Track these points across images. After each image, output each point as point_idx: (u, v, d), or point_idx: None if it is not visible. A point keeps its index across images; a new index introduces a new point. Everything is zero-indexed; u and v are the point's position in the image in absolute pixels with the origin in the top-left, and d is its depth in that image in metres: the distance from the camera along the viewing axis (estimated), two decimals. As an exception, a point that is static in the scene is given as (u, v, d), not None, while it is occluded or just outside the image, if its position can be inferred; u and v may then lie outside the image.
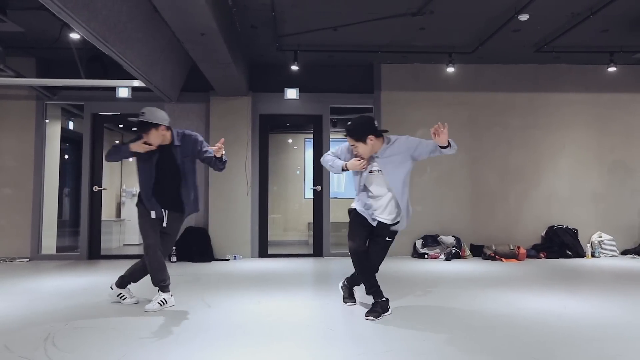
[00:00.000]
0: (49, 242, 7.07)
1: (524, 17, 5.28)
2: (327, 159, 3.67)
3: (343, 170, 3.55)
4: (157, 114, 3.59)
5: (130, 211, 9.41)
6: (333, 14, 5.38)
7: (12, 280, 4.98)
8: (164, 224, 3.71)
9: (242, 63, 6.20)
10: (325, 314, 3.48)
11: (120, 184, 9.71)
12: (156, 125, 3.55)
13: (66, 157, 8.72)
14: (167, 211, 3.72)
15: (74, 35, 5.32)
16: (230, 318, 3.32)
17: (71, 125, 8.42)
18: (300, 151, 10.35)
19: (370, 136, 3.38)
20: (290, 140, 10.18)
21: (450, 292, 4.26)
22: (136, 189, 9.38)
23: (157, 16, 5.28)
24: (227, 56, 5.12)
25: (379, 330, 3.01)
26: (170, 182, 3.70)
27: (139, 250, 8.58)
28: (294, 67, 6.45)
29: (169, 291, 3.67)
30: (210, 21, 4.20)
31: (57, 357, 2.49)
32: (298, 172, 9.99)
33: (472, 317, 3.35)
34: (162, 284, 3.64)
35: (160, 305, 3.57)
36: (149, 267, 3.65)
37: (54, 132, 7.27)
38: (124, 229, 9.30)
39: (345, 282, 3.85)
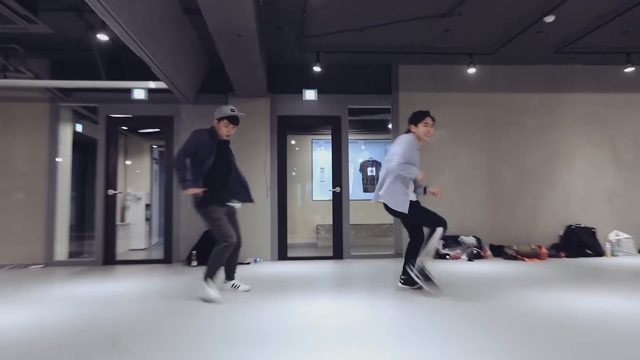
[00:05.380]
0: (61, 247, 6.99)
1: (550, 19, 5.40)
2: (409, 167, 4.14)
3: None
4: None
5: (135, 215, 9.35)
6: (361, 15, 5.44)
7: (41, 287, 4.93)
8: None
9: (264, 64, 6.23)
10: (384, 316, 3.52)
11: (125, 187, 9.63)
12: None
13: (81, 160, 8.61)
14: (231, 202, 4.37)
15: (102, 37, 5.28)
16: (291, 321, 3.35)
17: (79, 128, 8.32)
18: (306, 152, 10.39)
19: None
20: (292, 142, 10.22)
21: (494, 292, 4.35)
22: (141, 193, 9.38)
23: (185, 17, 5.30)
24: (258, 57, 5.15)
25: (447, 330, 3.07)
26: (223, 173, 4.25)
27: (144, 255, 8.53)
28: (317, 69, 6.50)
29: None
30: (251, 22, 4.23)
31: (138, 363, 2.50)
32: (294, 174, 10.04)
33: (532, 316, 3.44)
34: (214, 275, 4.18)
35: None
36: (220, 260, 4.07)
37: (65, 136, 7.19)
38: (129, 234, 9.22)
39: (420, 267, 4.23)
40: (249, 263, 6.67)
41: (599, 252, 6.86)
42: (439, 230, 4.12)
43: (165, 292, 4.50)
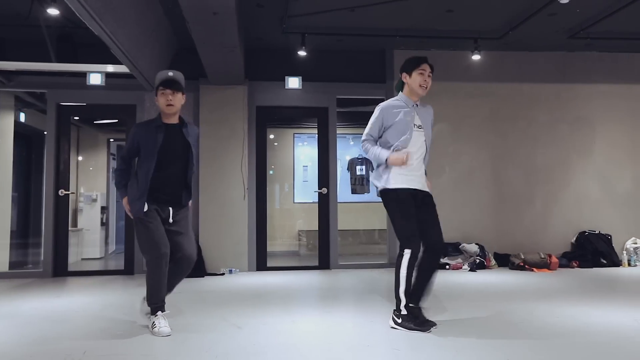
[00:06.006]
0: (1, 256, 6.88)
1: (565, 0, 5.51)
2: (368, 147, 3.74)
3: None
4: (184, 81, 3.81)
5: (89, 219, 9.23)
6: (354, -9, 5.49)
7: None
8: (171, 220, 3.74)
9: (242, 47, 6.24)
10: (381, 333, 3.57)
11: (77, 187, 9.51)
12: (184, 91, 3.76)
13: (24, 155, 8.48)
14: (171, 208, 3.75)
15: (52, 11, 5.21)
16: (275, 339, 3.37)
17: (22, 118, 8.19)
18: (287, 148, 10.40)
19: None
20: (271, 136, 10.24)
21: (500, 307, 4.42)
22: (96, 193, 9.28)
23: (151, -9, 5.27)
24: (236, 39, 5.16)
25: (450, 349, 3.13)
26: (175, 168, 3.75)
27: (100, 265, 8.46)
28: (302, 53, 6.53)
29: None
30: (230, -1, 4.24)
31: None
32: (271, 172, 10.06)
33: (544, 332, 3.52)
34: (161, 303, 3.62)
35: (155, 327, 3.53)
36: (153, 281, 3.59)
37: (5, 126, 7.09)
38: (82, 241, 9.11)
39: (407, 304, 3.59)
40: (223, 274, 6.67)
41: (615, 261, 7.05)
42: (406, 256, 3.50)
43: (129, 308, 4.45)
